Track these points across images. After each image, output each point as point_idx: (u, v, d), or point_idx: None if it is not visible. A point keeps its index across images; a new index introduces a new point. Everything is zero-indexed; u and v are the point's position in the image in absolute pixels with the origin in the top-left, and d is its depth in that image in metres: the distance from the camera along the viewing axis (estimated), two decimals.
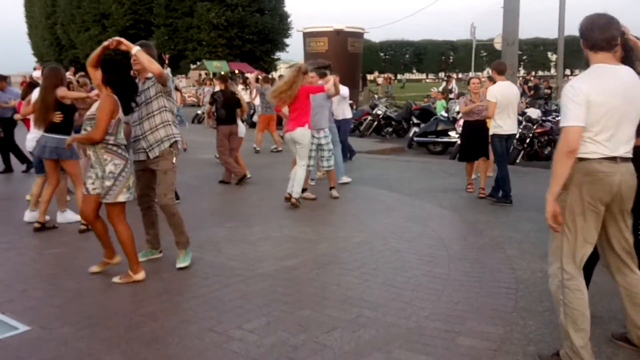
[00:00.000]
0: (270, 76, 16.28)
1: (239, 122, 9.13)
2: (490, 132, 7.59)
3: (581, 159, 2.99)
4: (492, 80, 8.20)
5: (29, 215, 6.46)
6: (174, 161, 4.88)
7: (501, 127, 7.43)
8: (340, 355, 3.31)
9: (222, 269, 4.86)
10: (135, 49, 4.65)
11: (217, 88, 9.62)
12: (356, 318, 3.84)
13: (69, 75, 7.02)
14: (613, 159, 2.98)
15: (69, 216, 6.52)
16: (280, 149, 12.58)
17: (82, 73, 10.80)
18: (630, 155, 3.06)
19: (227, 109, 8.81)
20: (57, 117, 5.92)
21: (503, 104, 7.35)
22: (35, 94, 6.58)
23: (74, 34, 46.04)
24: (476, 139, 7.90)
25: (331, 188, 7.88)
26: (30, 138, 6.63)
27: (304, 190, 7.51)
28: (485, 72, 52.79)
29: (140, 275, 4.56)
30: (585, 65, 3.18)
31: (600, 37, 3.04)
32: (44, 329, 3.70)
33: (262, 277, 4.67)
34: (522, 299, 4.15)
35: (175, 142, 4.88)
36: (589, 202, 3.00)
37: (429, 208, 7.22)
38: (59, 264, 5.04)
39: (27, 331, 3.68)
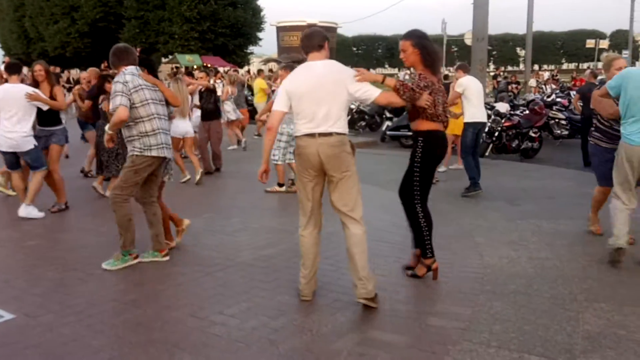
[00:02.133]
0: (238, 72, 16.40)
1: (181, 120, 8.75)
2: (466, 121, 7.79)
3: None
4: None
5: (25, 211, 6.40)
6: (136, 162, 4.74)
7: (476, 114, 7.70)
8: (318, 336, 3.49)
9: (201, 258, 4.99)
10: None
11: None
12: (332, 302, 4.02)
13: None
14: (310, 135, 3.83)
15: (32, 211, 6.46)
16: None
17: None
18: (330, 131, 3.82)
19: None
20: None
21: (475, 94, 7.64)
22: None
23: (43, 26, 45.15)
24: None
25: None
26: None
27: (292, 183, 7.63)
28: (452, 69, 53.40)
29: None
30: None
31: (309, 44, 3.98)
32: (29, 317, 3.79)
33: (241, 265, 4.81)
34: (488, 283, 4.38)
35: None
36: (299, 170, 3.96)
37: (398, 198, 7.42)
38: (40, 255, 5.10)
39: (12, 319, 3.76)
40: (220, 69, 25.62)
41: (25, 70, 12.01)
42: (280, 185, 7.86)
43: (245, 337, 3.49)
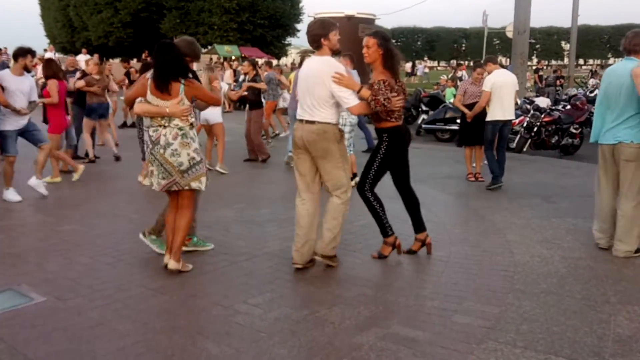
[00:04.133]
0: (273, 62, 16.53)
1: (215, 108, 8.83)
2: (487, 118, 7.73)
3: None
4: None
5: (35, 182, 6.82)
6: None
7: (497, 113, 7.58)
8: (340, 330, 3.46)
9: (229, 248, 5.02)
10: None
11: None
12: (357, 296, 3.99)
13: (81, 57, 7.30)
14: (300, 120, 4.39)
15: (11, 196, 6.62)
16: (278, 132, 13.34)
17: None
18: (313, 119, 4.32)
19: None
20: None
21: (497, 91, 7.48)
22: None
23: (87, 16, 46.14)
24: (475, 124, 8.00)
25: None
26: None
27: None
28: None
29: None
30: None
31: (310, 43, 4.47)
32: (59, 300, 3.87)
33: (268, 256, 4.82)
34: (518, 282, 4.28)
35: None
36: (294, 148, 4.48)
37: (433, 194, 7.34)
38: (73, 240, 5.21)
39: (42, 301, 3.85)
40: (259, 60, 25.74)
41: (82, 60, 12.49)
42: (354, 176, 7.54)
43: (267, 327, 3.49)
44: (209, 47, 39.82)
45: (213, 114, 8.56)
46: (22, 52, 6.62)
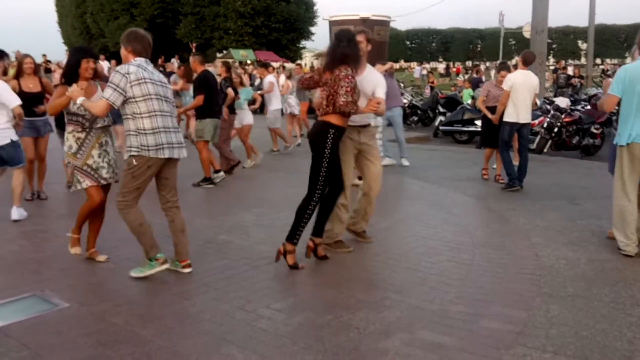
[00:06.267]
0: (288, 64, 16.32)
1: (245, 110, 9.38)
2: (504, 118, 7.65)
3: None
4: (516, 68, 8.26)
5: (17, 213, 6.16)
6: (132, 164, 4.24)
7: (513, 115, 7.48)
8: (365, 335, 3.42)
9: (250, 252, 5.00)
10: (79, 100, 4.37)
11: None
12: (381, 300, 3.94)
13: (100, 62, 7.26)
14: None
15: (23, 212, 6.24)
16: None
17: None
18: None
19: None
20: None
21: (518, 93, 7.38)
22: None
23: (103, 22, 46.68)
24: (497, 125, 7.92)
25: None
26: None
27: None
28: (513, 61, 52.10)
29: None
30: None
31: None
32: (82, 305, 3.88)
33: None
34: (545, 285, 4.20)
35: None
36: None
37: (453, 196, 7.27)
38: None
39: (66, 307, 3.86)
40: (274, 64, 25.79)
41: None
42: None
43: (291, 332, 3.46)
44: (225, 52, 40.03)
45: (247, 117, 9.20)
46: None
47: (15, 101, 5.74)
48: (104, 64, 21.65)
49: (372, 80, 4.85)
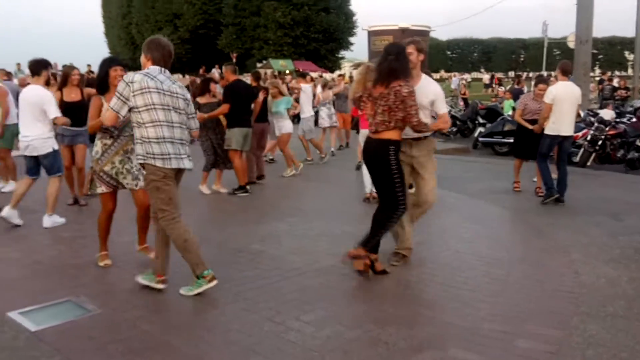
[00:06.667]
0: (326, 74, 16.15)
1: (285, 118, 9.48)
2: (545, 131, 7.44)
3: None
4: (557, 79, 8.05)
5: (49, 221, 6.26)
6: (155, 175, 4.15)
7: (554, 128, 7.28)
8: (394, 351, 3.36)
9: (281, 262, 4.99)
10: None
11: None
12: (412, 315, 3.87)
13: None
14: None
15: (57, 219, 6.34)
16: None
17: None
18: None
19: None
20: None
21: (560, 105, 7.18)
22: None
23: (148, 33, 47.69)
24: (530, 137, 7.73)
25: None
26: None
27: None
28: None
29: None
30: None
31: None
32: (115, 312, 3.94)
33: (320, 271, 4.77)
34: (584, 304, 4.06)
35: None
36: None
37: (490, 209, 7.12)
38: (129, 252, 5.30)
39: (99, 313, 3.92)
40: (312, 74, 25.91)
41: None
42: None
43: (319, 346, 3.43)
44: (264, 62, 40.48)
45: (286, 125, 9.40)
46: None
47: (54, 113, 6.02)
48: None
49: (428, 91, 4.75)
